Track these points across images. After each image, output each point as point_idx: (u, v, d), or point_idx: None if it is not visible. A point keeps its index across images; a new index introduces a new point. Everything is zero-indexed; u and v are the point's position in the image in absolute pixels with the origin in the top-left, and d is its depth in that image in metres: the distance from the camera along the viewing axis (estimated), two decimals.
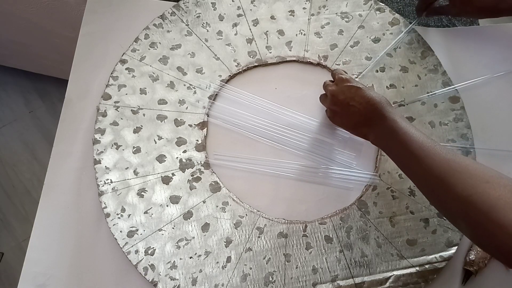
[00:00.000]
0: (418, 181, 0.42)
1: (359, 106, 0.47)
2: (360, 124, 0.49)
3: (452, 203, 0.37)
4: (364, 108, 0.47)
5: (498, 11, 0.54)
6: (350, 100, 0.48)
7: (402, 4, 0.66)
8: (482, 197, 0.34)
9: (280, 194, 0.54)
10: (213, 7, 0.63)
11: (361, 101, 0.47)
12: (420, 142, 0.41)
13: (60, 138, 0.56)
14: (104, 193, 0.53)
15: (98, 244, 0.51)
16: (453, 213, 0.38)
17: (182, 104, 0.57)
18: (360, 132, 0.50)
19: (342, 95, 0.49)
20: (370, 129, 0.47)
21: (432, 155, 0.40)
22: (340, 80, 0.51)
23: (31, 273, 0.50)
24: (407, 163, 0.43)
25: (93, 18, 0.62)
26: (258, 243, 0.51)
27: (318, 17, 0.63)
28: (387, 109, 0.46)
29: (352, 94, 0.48)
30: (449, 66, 0.61)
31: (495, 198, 0.33)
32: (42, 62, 1.22)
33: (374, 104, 0.46)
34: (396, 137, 0.43)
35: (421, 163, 0.40)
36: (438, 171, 0.38)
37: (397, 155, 0.45)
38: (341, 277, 0.50)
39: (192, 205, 0.53)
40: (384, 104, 0.46)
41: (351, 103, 0.48)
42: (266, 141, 0.56)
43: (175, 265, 0.50)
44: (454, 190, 0.36)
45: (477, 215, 0.34)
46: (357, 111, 0.47)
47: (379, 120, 0.46)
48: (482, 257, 0.51)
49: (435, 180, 0.39)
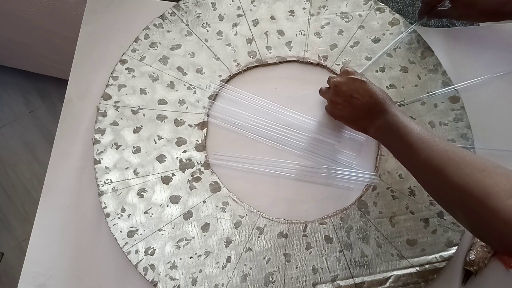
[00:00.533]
0: (417, 172, 0.43)
1: (362, 99, 0.48)
2: (361, 117, 0.49)
3: (449, 192, 0.38)
4: (367, 102, 0.47)
5: (500, 15, 0.54)
6: (353, 92, 0.49)
7: (402, 4, 0.66)
8: (478, 185, 0.35)
9: (280, 194, 0.54)
10: (213, 7, 0.63)
11: (364, 94, 0.48)
12: (419, 134, 0.42)
13: (60, 138, 0.56)
14: (104, 193, 0.53)
15: (98, 244, 0.51)
16: (450, 202, 0.39)
17: (182, 104, 0.57)
18: (359, 125, 0.50)
19: (345, 86, 0.50)
20: (371, 123, 0.48)
21: (431, 146, 0.40)
22: (345, 72, 0.51)
23: (31, 273, 0.50)
24: (406, 154, 0.44)
25: (93, 18, 0.62)
26: (258, 243, 0.51)
27: (318, 17, 0.63)
28: (389, 103, 0.47)
29: (356, 86, 0.48)
30: (449, 66, 0.61)
31: (491, 186, 0.34)
32: (42, 62, 1.22)
33: (377, 99, 0.47)
34: (397, 130, 0.44)
35: (419, 154, 0.41)
36: (436, 161, 0.39)
37: (397, 147, 0.45)
38: (341, 277, 0.50)
39: (192, 205, 0.53)
40: (387, 99, 0.47)
41: (354, 95, 0.48)
42: (266, 141, 0.56)
43: (175, 265, 0.50)
44: (451, 180, 0.37)
45: (473, 203, 0.35)
46: (359, 103, 0.48)
47: (381, 114, 0.46)
48: (482, 257, 0.51)
49: (433, 171, 0.39)
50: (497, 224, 0.33)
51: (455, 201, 0.37)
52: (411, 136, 0.42)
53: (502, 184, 0.34)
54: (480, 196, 0.34)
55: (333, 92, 0.52)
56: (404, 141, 0.43)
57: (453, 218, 0.53)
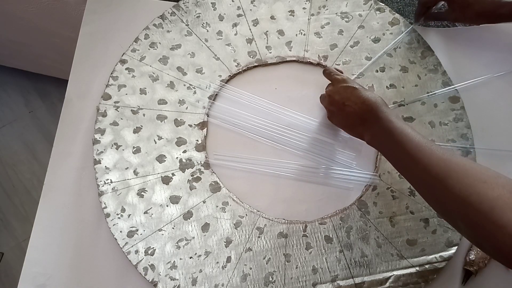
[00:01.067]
0: (415, 182, 0.42)
1: (354, 106, 0.47)
2: (356, 124, 0.49)
3: (451, 204, 0.37)
4: (359, 109, 0.47)
5: (497, 17, 0.54)
6: (345, 100, 0.48)
7: (402, 4, 0.66)
8: (481, 197, 0.34)
9: (280, 194, 0.54)
10: (213, 7, 0.63)
11: (356, 101, 0.47)
12: (416, 142, 0.41)
13: (60, 138, 0.56)
14: (104, 193, 0.53)
15: (98, 244, 0.51)
16: (452, 214, 0.38)
17: (182, 104, 0.57)
18: (356, 132, 0.50)
19: (337, 95, 0.50)
20: (366, 129, 0.47)
21: (429, 155, 0.39)
22: (336, 81, 0.51)
23: (31, 273, 0.50)
24: (404, 163, 0.43)
25: (93, 18, 0.62)
26: (258, 243, 0.51)
27: (318, 17, 0.63)
28: (382, 109, 0.45)
29: (348, 94, 0.48)
30: (449, 66, 0.61)
31: (494, 199, 0.33)
32: (42, 62, 1.22)
33: (370, 105, 0.46)
34: (392, 137, 0.43)
35: (417, 164, 0.40)
36: (435, 171, 0.38)
37: (393, 155, 0.45)
38: (341, 277, 0.50)
39: (192, 205, 0.53)
40: (380, 104, 0.46)
41: (346, 103, 0.48)
42: (266, 141, 0.56)
43: (175, 265, 0.50)
44: (452, 191, 0.36)
45: (477, 216, 0.34)
46: (352, 111, 0.48)
47: (375, 120, 0.45)
48: (482, 257, 0.51)
49: (433, 181, 0.38)
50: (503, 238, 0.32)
51: (457, 213, 0.36)
52: (408, 144, 0.41)
53: (505, 197, 0.33)
54: (484, 210, 0.33)
55: (328, 101, 0.52)
56: (400, 148, 0.42)
57: None
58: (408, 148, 0.41)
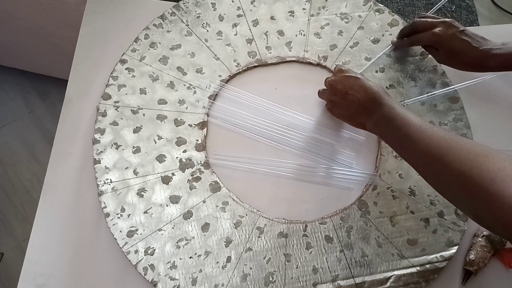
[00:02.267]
0: (416, 161, 0.42)
1: (357, 95, 0.48)
2: (358, 113, 0.49)
3: (451, 178, 0.37)
4: (362, 97, 0.47)
5: (483, 68, 0.54)
6: (348, 89, 0.49)
7: (402, 4, 0.66)
8: (482, 170, 0.34)
9: (280, 194, 0.54)
10: (213, 8, 0.63)
11: (359, 90, 0.48)
12: (418, 125, 0.42)
13: (60, 138, 0.56)
14: (104, 193, 0.52)
15: (98, 244, 0.51)
16: (452, 188, 0.38)
17: (182, 104, 0.57)
18: (357, 121, 0.50)
19: (340, 84, 0.50)
20: (368, 117, 0.48)
21: (430, 135, 0.40)
22: (339, 71, 0.51)
23: (31, 273, 0.50)
24: (405, 145, 0.43)
25: (93, 18, 0.62)
26: (258, 243, 0.51)
27: (317, 18, 0.63)
28: (385, 97, 0.46)
29: (350, 83, 0.49)
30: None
31: (495, 171, 0.33)
32: (42, 62, 1.22)
33: (372, 93, 0.47)
34: (394, 122, 0.44)
35: (419, 144, 0.40)
36: (436, 149, 0.39)
37: (395, 139, 0.45)
38: (342, 277, 0.50)
39: (192, 205, 0.53)
40: (382, 92, 0.47)
41: (349, 92, 0.49)
42: (266, 141, 0.56)
43: (175, 265, 0.50)
44: (453, 166, 0.36)
45: (477, 189, 0.34)
46: (355, 99, 0.48)
47: (377, 107, 0.46)
48: (482, 257, 0.51)
49: (433, 158, 0.39)
50: (503, 210, 0.32)
51: (456, 187, 0.37)
52: (409, 127, 0.42)
53: (506, 169, 0.33)
54: (484, 182, 0.33)
55: (330, 91, 0.53)
56: (402, 132, 0.43)
57: (453, 218, 0.53)
58: (410, 130, 0.42)
